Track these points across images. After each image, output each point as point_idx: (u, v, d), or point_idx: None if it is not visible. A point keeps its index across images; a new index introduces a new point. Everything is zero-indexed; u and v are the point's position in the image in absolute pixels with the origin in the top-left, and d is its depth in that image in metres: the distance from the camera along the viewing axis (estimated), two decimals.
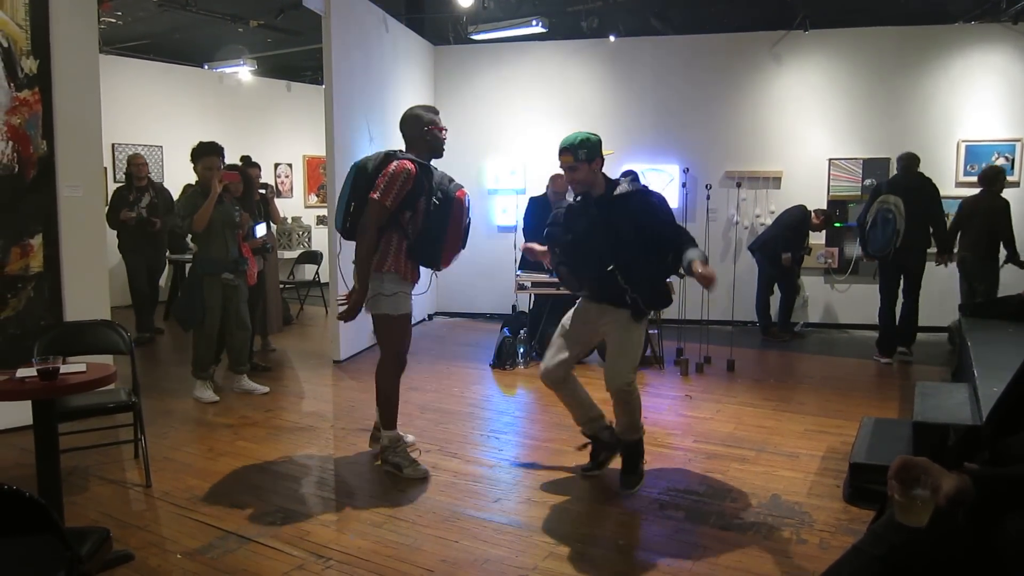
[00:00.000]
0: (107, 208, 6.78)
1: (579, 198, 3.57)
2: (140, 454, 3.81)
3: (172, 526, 3.20)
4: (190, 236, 5.50)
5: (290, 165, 11.46)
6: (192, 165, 5.20)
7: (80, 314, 4.47)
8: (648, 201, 3.45)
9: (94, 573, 1.84)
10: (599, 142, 3.43)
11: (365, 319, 3.87)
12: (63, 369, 2.94)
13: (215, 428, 4.62)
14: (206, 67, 10.35)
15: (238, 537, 3.09)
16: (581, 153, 3.35)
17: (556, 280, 6.48)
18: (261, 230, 6.17)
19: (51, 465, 2.97)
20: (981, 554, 1.48)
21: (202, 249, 5.13)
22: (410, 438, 4.03)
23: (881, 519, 1.62)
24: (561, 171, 3.57)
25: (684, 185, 7.93)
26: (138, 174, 7.31)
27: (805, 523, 3.23)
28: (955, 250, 6.56)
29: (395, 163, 3.58)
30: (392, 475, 3.76)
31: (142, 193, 7.30)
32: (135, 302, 7.35)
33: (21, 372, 2.96)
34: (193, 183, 5.22)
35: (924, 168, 6.54)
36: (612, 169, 3.57)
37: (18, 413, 3.79)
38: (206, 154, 5.13)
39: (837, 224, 7.99)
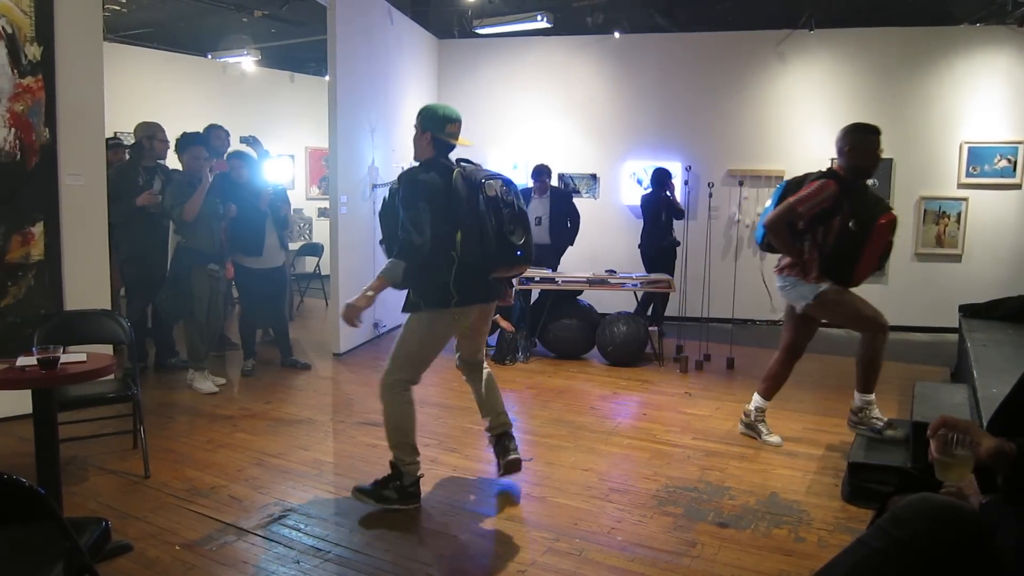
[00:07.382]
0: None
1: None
2: (139, 445, 3.80)
3: (170, 517, 3.20)
4: (173, 227, 5.40)
5: (292, 156, 11.44)
6: (177, 156, 5.18)
7: (80, 303, 4.48)
8: (402, 181, 3.21)
9: (93, 563, 1.84)
10: (431, 116, 3.26)
11: (369, 314, 3.84)
12: (63, 358, 2.94)
13: (214, 419, 4.62)
14: (209, 56, 10.31)
15: (236, 529, 3.09)
16: (416, 119, 3.31)
17: (556, 275, 6.51)
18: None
19: (50, 454, 2.96)
20: (984, 550, 1.48)
21: (188, 239, 5.12)
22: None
23: (884, 515, 1.62)
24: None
25: (686, 183, 7.92)
26: (157, 151, 5.55)
27: (803, 521, 3.23)
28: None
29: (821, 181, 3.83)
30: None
31: (152, 175, 5.44)
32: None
33: (21, 361, 2.96)
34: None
35: (925, 168, 7.58)
36: (616, 165, 3.55)
37: (18, 402, 3.81)
38: (192, 144, 5.12)
39: None
